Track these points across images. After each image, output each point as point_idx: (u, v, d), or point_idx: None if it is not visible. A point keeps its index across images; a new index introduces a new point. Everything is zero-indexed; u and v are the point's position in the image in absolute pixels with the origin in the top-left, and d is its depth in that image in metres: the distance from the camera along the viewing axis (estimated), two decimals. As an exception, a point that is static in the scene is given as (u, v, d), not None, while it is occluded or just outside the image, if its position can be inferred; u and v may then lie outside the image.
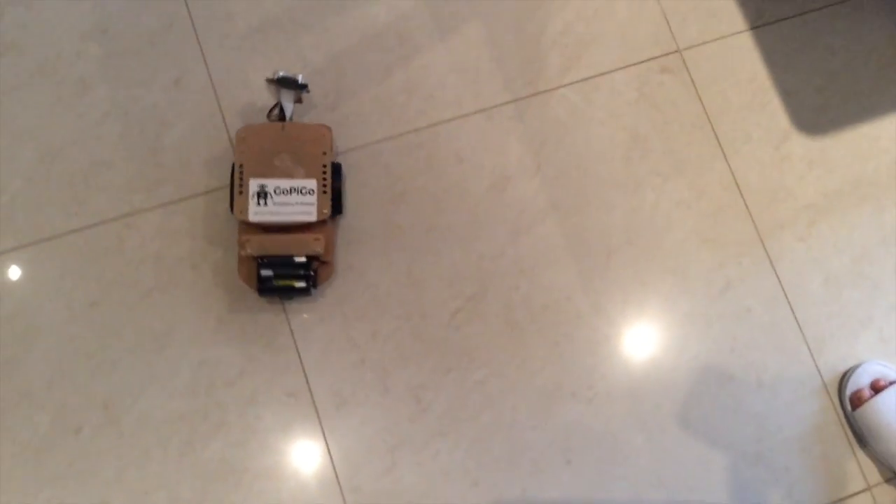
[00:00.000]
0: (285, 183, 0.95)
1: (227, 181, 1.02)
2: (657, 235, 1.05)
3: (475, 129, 1.07)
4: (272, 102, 1.05)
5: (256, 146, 0.96)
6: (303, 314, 1.00)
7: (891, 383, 0.98)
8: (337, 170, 0.99)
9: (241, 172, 0.95)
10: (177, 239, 1.01)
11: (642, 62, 1.10)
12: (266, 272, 0.95)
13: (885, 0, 1.13)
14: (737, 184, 1.07)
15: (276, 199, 0.95)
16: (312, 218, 0.95)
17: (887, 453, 0.96)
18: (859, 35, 1.12)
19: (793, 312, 1.03)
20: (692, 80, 1.10)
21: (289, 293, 0.97)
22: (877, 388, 0.98)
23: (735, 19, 1.12)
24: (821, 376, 1.02)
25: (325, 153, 0.97)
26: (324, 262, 0.99)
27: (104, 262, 1.00)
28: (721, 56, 1.11)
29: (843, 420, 1.01)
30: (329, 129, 0.99)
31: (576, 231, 1.05)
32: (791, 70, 1.11)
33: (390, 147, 1.06)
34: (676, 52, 1.11)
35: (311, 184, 0.96)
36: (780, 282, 1.04)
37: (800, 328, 1.03)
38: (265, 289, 0.96)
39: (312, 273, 0.97)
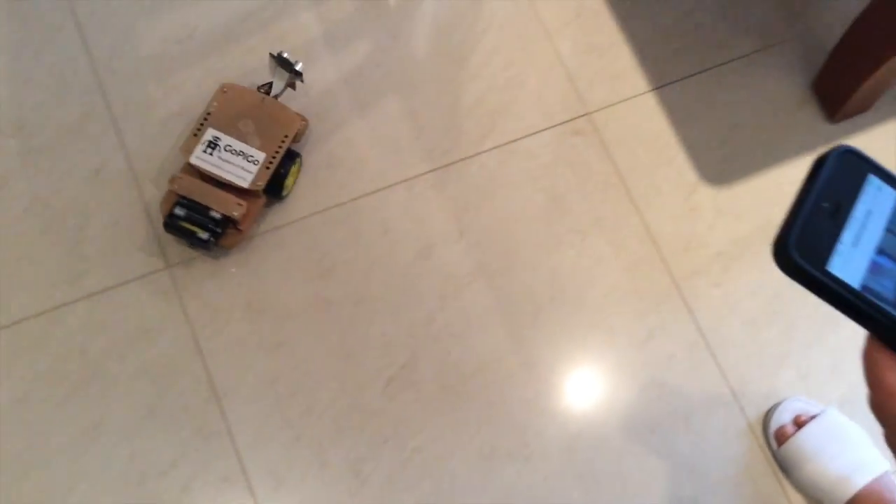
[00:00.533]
0: (237, 144, 1.01)
1: (152, 268, 1.03)
2: (580, 291, 1.09)
3: (399, 200, 1.10)
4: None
5: (231, 104, 1.03)
6: (236, 396, 1.00)
7: (812, 418, 1.02)
8: (290, 156, 1.04)
9: (205, 119, 1.02)
10: (102, 330, 1.00)
11: (554, 126, 1.15)
12: (179, 211, 0.99)
13: (778, 55, 1.21)
14: (651, 236, 1.12)
15: (223, 154, 1.01)
16: (245, 184, 1.00)
17: (813, 486, 0.99)
18: (756, 88, 1.19)
19: (713, 356, 1.07)
20: (602, 141, 1.15)
21: (190, 238, 0.99)
22: (799, 424, 1.02)
23: (638, 81, 1.18)
24: (745, 417, 1.06)
25: (286, 137, 1.03)
26: (238, 230, 1.03)
27: (29, 358, 0.98)
28: (628, 116, 1.17)
29: (771, 458, 1.05)
30: (305, 120, 1.05)
31: (502, 292, 1.08)
32: (694, 125, 1.17)
33: (316, 222, 1.08)
34: (586, 115, 1.16)
35: (260, 155, 1.01)
36: (698, 327, 1.08)
37: (721, 371, 1.07)
38: (171, 224, 0.99)
39: (219, 231, 1.00)
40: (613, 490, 1.01)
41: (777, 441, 1.03)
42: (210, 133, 1.01)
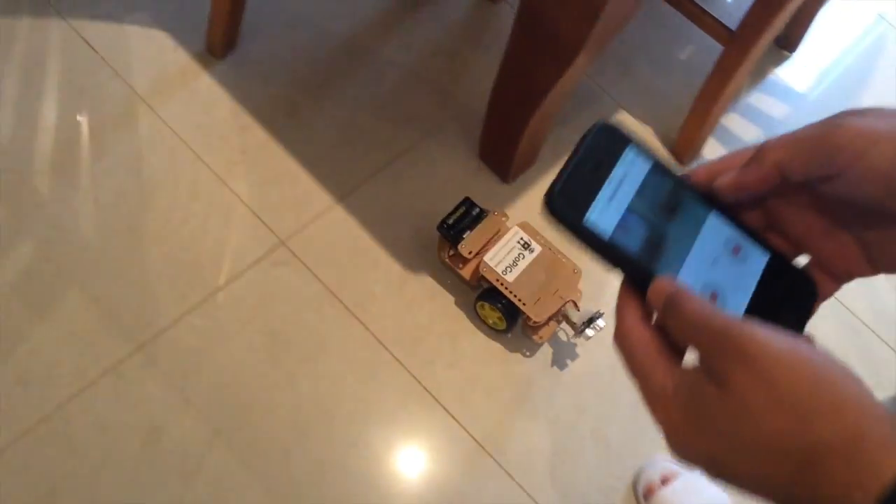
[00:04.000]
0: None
1: None
2: (327, 417, 1.07)
3: (108, 392, 1.03)
4: None
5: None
6: None
7: (676, 475, 1.07)
8: None
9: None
10: None
11: (253, 265, 1.14)
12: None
13: (442, 137, 1.29)
14: (379, 341, 1.13)
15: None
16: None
17: None
18: (432, 172, 1.26)
19: (466, 431, 1.09)
20: (305, 265, 1.16)
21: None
22: (665, 481, 1.06)
23: (322, 198, 1.21)
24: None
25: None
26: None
27: None
28: (323, 233, 1.18)
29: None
30: None
31: (247, 449, 1.03)
32: (387, 222, 1.21)
33: (23, 447, 0.98)
34: (281, 244, 1.16)
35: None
36: (449, 413, 1.10)
37: (482, 448, 1.09)
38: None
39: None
40: None
41: (645, 498, 1.07)
42: None
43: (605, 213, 0.36)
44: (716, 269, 0.37)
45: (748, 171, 0.36)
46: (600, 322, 1.06)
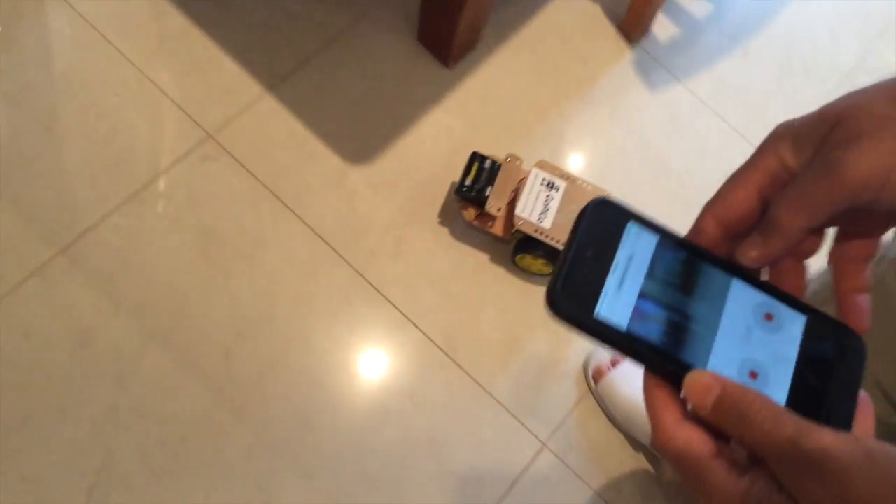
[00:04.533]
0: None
1: None
2: (266, 314, 1.03)
3: (32, 297, 0.98)
4: None
5: None
6: None
7: (616, 363, 1.05)
8: None
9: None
10: None
11: (180, 160, 1.08)
12: None
13: (378, 20, 1.21)
14: (318, 235, 1.08)
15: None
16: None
17: (625, 421, 1.03)
18: (368, 57, 1.19)
19: (416, 326, 1.06)
20: (236, 158, 1.09)
21: None
22: (615, 363, 1.05)
23: (251, 87, 1.14)
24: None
25: None
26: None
27: None
28: (253, 125, 1.12)
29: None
30: None
31: (184, 349, 1.00)
32: (322, 112, 1.14)
33: (-58, 357, 0.94)
34: (209, 137, 1.10)
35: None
36: (394, 306, 1.07)
37: (427, 337, 1.06)
38: None
39: None
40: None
41: (595, 380, 1.05)
42: None
43: (616, 304, 0.32)
44: (750, 343, 0.33)
45: (772, 244, 0.33)
46: None
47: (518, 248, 1.06)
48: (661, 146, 1.23)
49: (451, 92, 1.19)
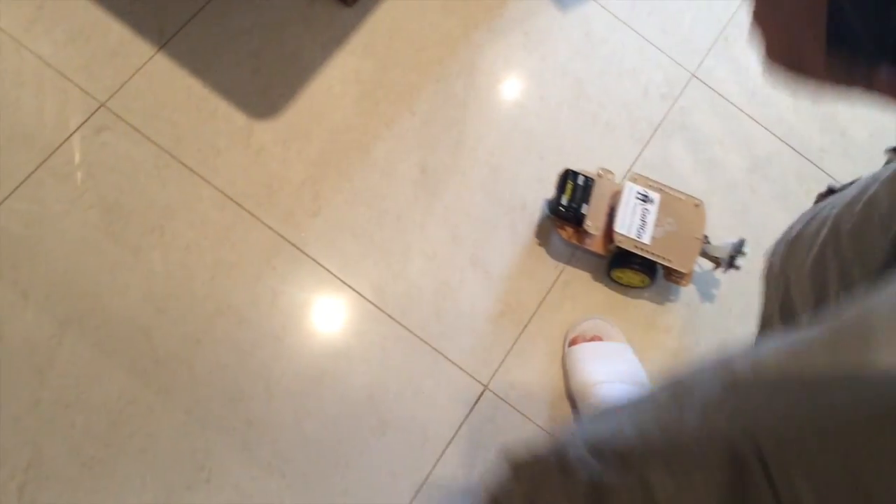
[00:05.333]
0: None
1: None
2: (185, 287, 0.99)
3: (-71, 298, 0.93)
4: None
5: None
6: None
7: (596, 340, 1.04)
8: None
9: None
10: None
11: (73, 134, 1.01)
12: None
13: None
14: (230, 198, 1.03)
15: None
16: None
17: (571, 390, 1.03)
18: (259, 5, 1.12)
19: (345, 284, 1.03)
20: (133, 126, 1.03)
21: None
22: (593, 339, 1.05)
23: (140, 47, 1.06)
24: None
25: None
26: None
27: None
28: (147, 87, 1.05)
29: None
30: None
31: (101, 333, 0.96)
32: (219, 67, 1.08)
33: None
34: (102, 106, 1.03)
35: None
36: (318, 263, 1.03)
37: (358, 293, 1.03)
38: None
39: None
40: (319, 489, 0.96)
41: (569, 344, 1.05)
42: None
43: None
44: None
45: None
46: (745, 248, 1.02)
47: (614, 262, 1.05)
48: (578, 68, 1.19)
49: (355, 32, 1.13)
